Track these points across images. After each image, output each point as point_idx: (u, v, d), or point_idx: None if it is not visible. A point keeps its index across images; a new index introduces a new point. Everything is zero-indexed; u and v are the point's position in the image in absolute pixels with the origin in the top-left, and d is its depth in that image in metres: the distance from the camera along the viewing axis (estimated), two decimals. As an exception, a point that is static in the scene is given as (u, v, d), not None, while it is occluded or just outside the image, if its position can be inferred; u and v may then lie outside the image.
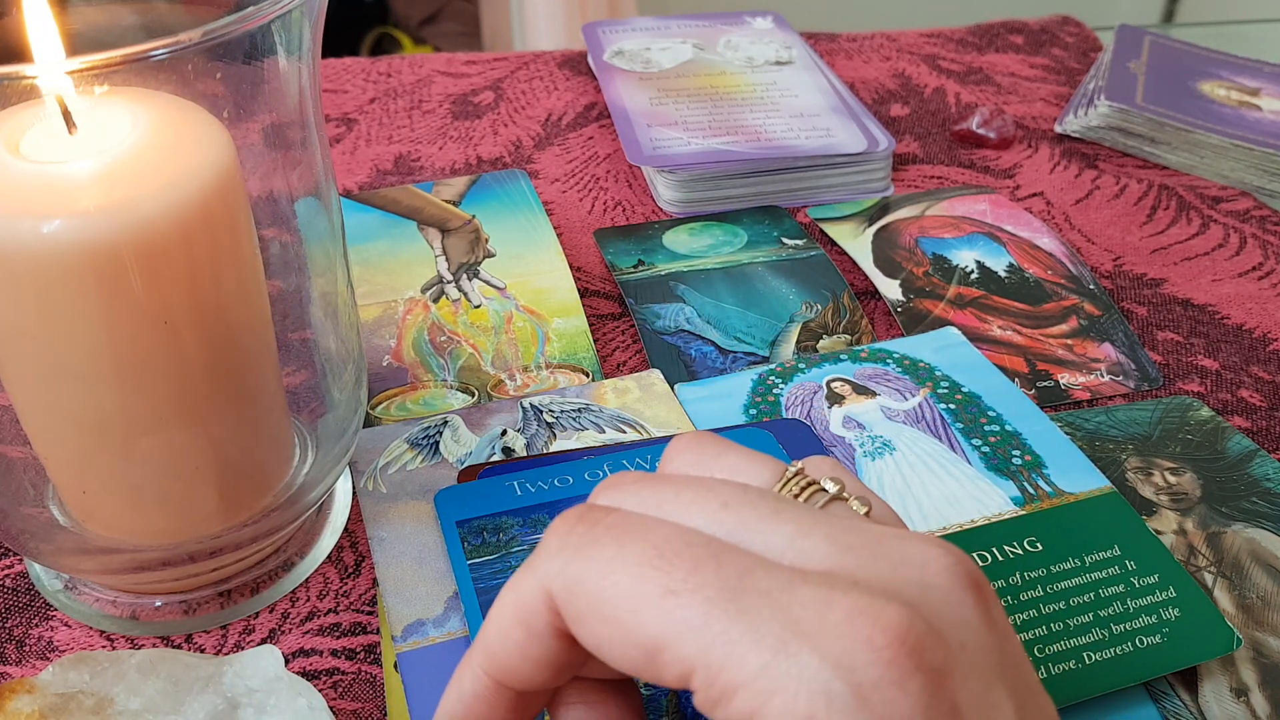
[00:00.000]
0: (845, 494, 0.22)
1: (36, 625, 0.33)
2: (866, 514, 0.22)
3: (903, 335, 0.46)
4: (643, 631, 0.19)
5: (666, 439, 0.38)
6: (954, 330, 0.46)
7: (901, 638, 0.18)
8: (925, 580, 0.20)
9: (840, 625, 0.18)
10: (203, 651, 0.32)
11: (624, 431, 0.40)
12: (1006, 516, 0.36)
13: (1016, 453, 0.39)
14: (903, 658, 0.17)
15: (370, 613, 0.34)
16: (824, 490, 0.22)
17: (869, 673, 0.17)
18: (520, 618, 0.21)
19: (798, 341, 0.46)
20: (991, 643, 0.19)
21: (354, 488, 0.37)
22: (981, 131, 0.62)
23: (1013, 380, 0.43)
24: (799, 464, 0.23)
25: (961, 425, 0.40)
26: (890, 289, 0.49)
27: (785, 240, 0.52)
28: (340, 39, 1.77)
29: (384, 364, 0.43)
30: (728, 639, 0.18)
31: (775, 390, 0.42)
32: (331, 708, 0.30)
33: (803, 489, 0.22)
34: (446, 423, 0.40)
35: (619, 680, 0.24)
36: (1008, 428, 0.40)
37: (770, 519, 0.20)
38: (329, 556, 0.36)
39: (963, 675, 0.18)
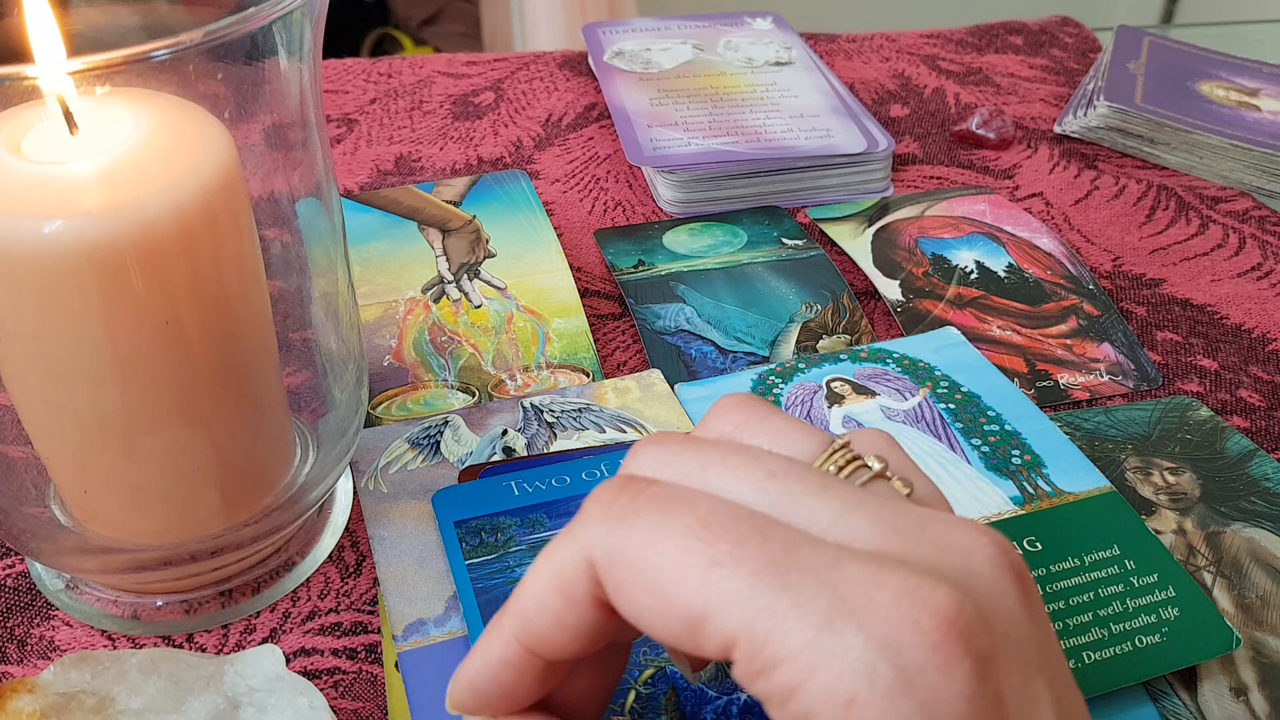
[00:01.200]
0: (889, 473, 0.22)
1: (38, 625, 0.33)
2: (909, 495, 0.22)
3: (902, 335, 0.46)
4: (686, 602, 0.19)
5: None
6: (953, 330, 0.46)
7: (950, 622, 0.18)
8: (970, 567, 0.19)
9: (887, 605, 0.18)
10: (204, 651, 0.32)
11: (624, 431, 0.40)
12: (1006, 516, 0.36)
13: (1016, 452, 0.39)
14: (950, 643, 0.17)
15: (371, 612, 0.34)
16: (867, 467, 0.22)
17: (914, 655, 0.17)
18: (559, 586, 0.21)
19: (798, 341, 0.46)
20: (1032, 634, 0.19)
21: (355, 487, 0.37)
22: (981, 132, 0.62)
23: (1012, 380, 0.43)
24: (845, 437, 0.23)
25: (961, 425, 0.40)
26: (890, 289, 0.49)
27: (785, 240, 0.52)
28: (341, 40, 1.77)
29: (385, 364, 0.43)
30: (773, 613, 0.18)
31: (775, 390, 0.42)
32: (332, 707, 0.31)
33: (846, 463, 0.22)
34: (447, 423, 0.40)
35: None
36: (1007, 427, 0.40)
37: (816, 494, 0.20)
38: (330, 556, 0.36)
39: (1006, 664, 0.18)
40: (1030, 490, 0.37)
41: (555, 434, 0.40)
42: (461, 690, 0.23)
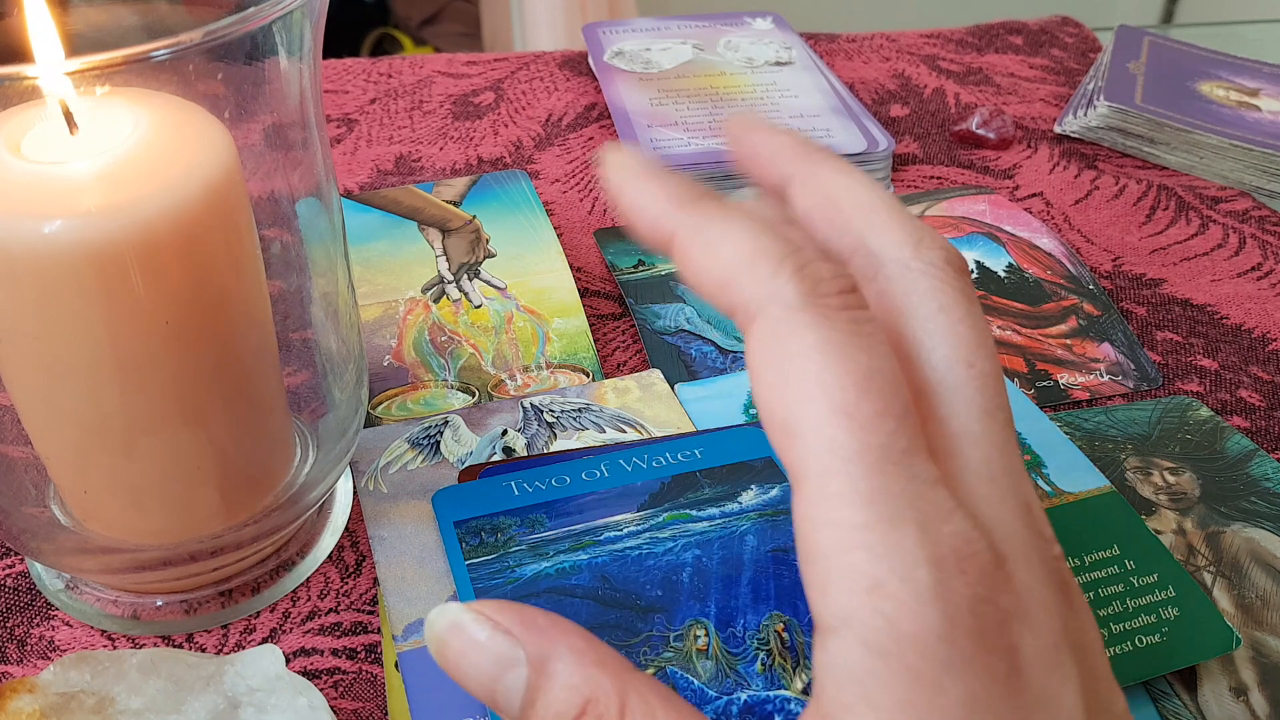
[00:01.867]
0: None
1: (38, 625, 0.33)
2: None
3: (902, 335, 0.46)
4: (796, 416, 0.19)
5: (667, 439, 0.38)
6: (953, 330, 0.46)
7: (987, 575, 0.18)
8: (1026, 537, 0.20)
9: (947, 536, 0.18)
10: (204, 651, 0.32)
11: (624, 431, 0.40)
12: (1006, 516, 0.36)
13: (1016, 452, 0.39)
14: (984, 589, 0.18)
15: (371, 612, 0.34)
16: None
17: (952, 582, 0.18)
18: (717, 283, 0.20)
19: (797, 341, 0.46)
20: (1064, 615, 0.20)
21: (355, 487, 0.37)
22: (981, 132, 0.62)
23: (1012, 380, 0.43)
24: None
25: (961, 425, 0.40)
26: (890, 289, 0.49)
27: (785, 240, 0.52)
28: (341, 40, 1.77)
29: (385, 364, 0.43)
30: (852, 484, 0.18)
31: (775, 390, 0.42)
32: (332, 707, 0.31)
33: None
34: (447, 422, 0.40)
35: None
36: (1007, 427, 0.40)
37: (995, 407, 0.21)
38: (330, 556, 0.36)
39: (1031, 627, 0.19)
40: (1030, 490, 0.37)
41: (555, 434, 0.40)
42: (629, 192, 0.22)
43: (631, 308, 0.47)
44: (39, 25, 0.26)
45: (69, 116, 0.27)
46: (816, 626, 0.19)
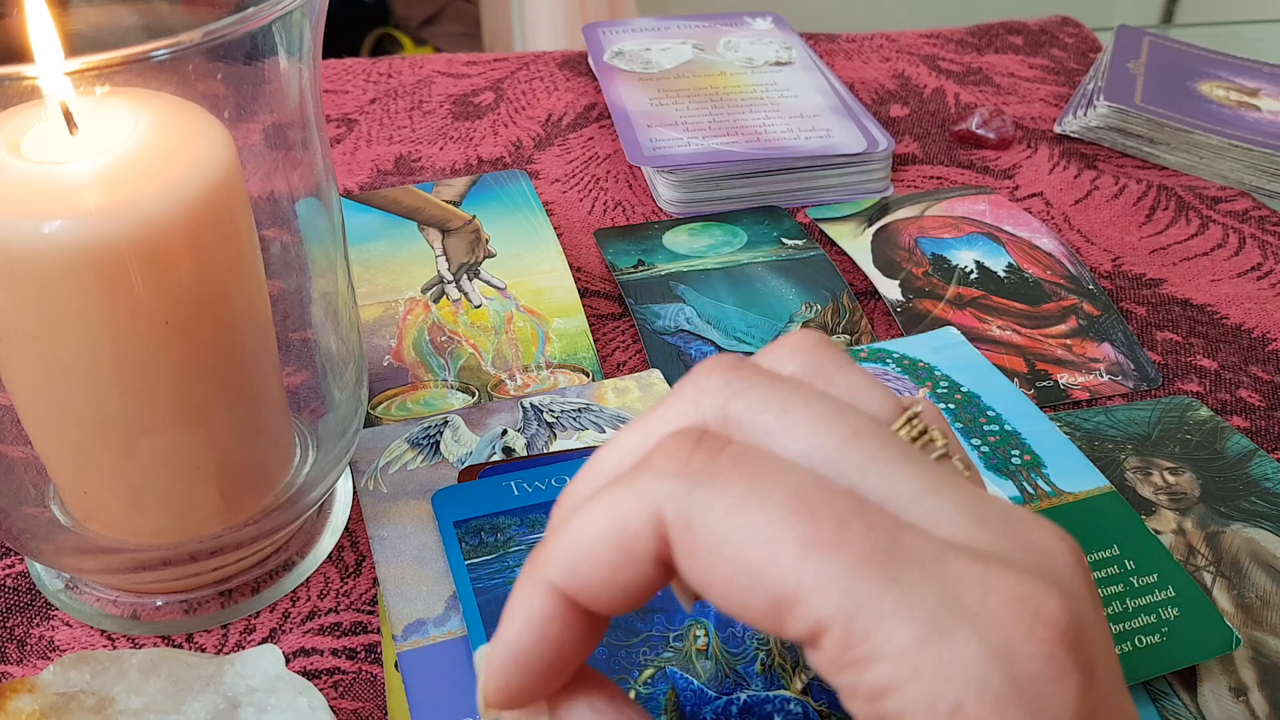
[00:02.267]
0: (950, 454, 0.21)
1: (38, 625, 0.33)
2: (967, 478, 0.21)
3: (902, 335, 0.46)
4: (777, 581, 0.17)
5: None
6: (953, 330, 0.46)
7: (1063, 632, 0.17)
8: (1058, 572, 0.18)
9: (1000, 610, 0.17)
10: (204, 651, 0.32)
11: (624, 431, 0.40)
12: (1006, 516, 0.36)
13: (1016, 452, 0.39)
14: (1063, 653, 0.17)
15: (371, 612, 0.34)
16: (934, 444, 0.21)
17: (1028, 666, 0.16)
18: (619, 540, 0.19)
19: (797, 341, 0.46)
20: (1110, 642, 0.19)
21: (354, 487, 0.37)
22: (981, 132, 0.62)
23: (1012, 380, 0.43)
24: (916, 404, 0.21)
25: (961, 425, 0.40)
26: (890, 289, 0.49)
27: (785, 240, 0.52)
28: (341, 40, 1.77)
29: (384, 364, 0.43)
30: (876, 606, 0.17)
31: (775, 390, 0.42)
32: (332, 707, 0.31)
33: (918, 435, 0.21)
34: (447, 422, 0.40)
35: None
36: (1007, 427, 0.40)
37: (900, 465, 0.19)
38: (330, 556, 0.36)
39: (1100, 675, 0.18)
40: (1030, 490, 0.37)
41: (555, 434, 0.40)
42: (502, 667, 0.20)
43: (631, 308, 0.47)
44: (39, 25, 0.26)
45: (69, 116, 0.27)
46: None
